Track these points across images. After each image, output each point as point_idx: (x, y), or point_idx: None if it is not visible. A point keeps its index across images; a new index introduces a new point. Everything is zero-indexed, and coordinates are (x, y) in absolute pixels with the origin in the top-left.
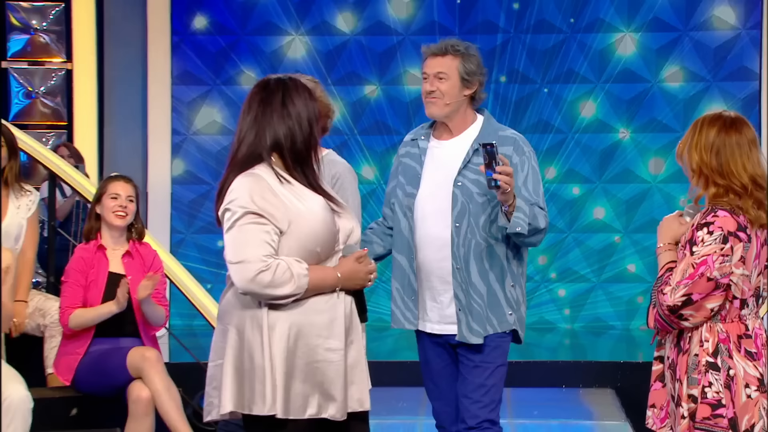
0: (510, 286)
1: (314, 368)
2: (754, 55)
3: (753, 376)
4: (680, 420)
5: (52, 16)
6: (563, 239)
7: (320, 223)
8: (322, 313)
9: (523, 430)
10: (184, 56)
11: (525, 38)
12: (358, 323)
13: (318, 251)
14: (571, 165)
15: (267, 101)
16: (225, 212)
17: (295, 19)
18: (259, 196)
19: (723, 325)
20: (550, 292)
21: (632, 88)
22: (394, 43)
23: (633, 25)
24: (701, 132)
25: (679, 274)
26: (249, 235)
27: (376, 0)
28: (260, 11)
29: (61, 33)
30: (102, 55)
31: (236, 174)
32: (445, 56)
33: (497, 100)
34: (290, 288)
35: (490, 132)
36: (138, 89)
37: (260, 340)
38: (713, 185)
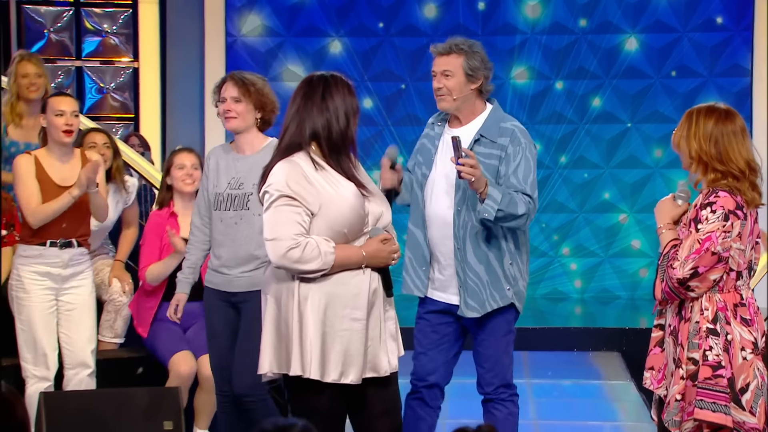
0: (508, 264)
1: (340, 336)
2: (746, 53)
3: (748, 340)
4: (678, 380)
5: (121, 21)
6: (575, 219)
7: (348, 207)
8: (348, 286)
9: (538, 389)
10: (236, 55)
11: (541, 39)
12: (383, 297)
13: (345, 232)
14: (581, 152)
15: (309, 96)
16: (264, 194)
17: (335, 22)
18: (294, 182)
19: (721, 295)
20: (562, 266)
21: (637, 83)
22: (423, 43)
23: (638, 26)
24: (698, 122)
25: (686, 250)
26: (282, 215)
27: (409, 5)
28: (304, 15)
29: (129, 35)
30: (164, 54)
31: (278, 160)
32: (450, 55)
33: (516, 94)
34: (317, 264)
35: (493, 122)
36: (196, 85)
37: (294, 309)
38: (712, 171)
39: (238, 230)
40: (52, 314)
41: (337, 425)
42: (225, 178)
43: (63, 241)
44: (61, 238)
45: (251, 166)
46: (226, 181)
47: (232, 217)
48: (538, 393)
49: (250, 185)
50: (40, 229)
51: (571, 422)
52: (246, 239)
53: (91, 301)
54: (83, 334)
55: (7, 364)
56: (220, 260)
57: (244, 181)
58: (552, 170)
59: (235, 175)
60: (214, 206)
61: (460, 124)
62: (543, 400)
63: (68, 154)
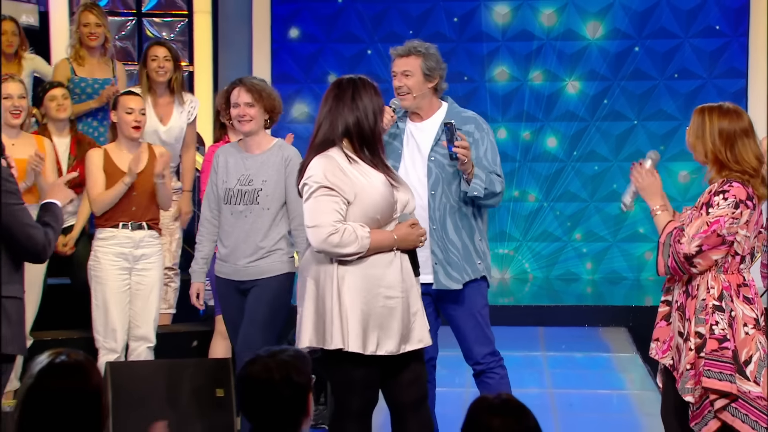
0: (478, 240)
1: (375, 312)
2: (742, 57)
3: (750, 317)
4: (687, 352)
5: (178, 29)
6: (586, 207)
7: (380, 195)
8: (381, 267)
9: (553, 361)
10: (281, 60)
11: (555, 44)
12: (413, 276)
13: (378, 218)
14: (592, 147)
15: (340, 97)
16: (304, 186)
17: (369, 29)
18: (331, 174)
19: (725, 276)
20: (575, 249)
21: (642, 85)
22: (448, 48)
23: (643, 33)
24: (712, 122)
25: (694, 229)
26: (322, 204)
27: (436, 14)
28: (342, 23)
29: (185, 42)
30: (217, 59)
31: (314, 155)
32: (409, 56)
33: (533, 94)
34: (355, 247)
35: (454, 114)
36: None
37: (333, 289)
38: (728, 170)
39: (247, 222)
40: (124, 293)
41: (372, 392)
42: (235, 175)
43: (134, 224)
44: (132, 221)
45: (260, 164)
46: (236, 178)
47: (242, 210)
48: (553, 365)
49: (260, 182)
50: (113, 213)
51: (582, 391)
52: (254, 231)
53: (159, 281)
54: (150, 313)
55: (81, 337)
56: (227, 249)
57: (253, 177)
58: (565, 163)
59: (245, 172)
60: (225, 200)
61: (420, 119)
62: (557, 371)
63: (136, 146)
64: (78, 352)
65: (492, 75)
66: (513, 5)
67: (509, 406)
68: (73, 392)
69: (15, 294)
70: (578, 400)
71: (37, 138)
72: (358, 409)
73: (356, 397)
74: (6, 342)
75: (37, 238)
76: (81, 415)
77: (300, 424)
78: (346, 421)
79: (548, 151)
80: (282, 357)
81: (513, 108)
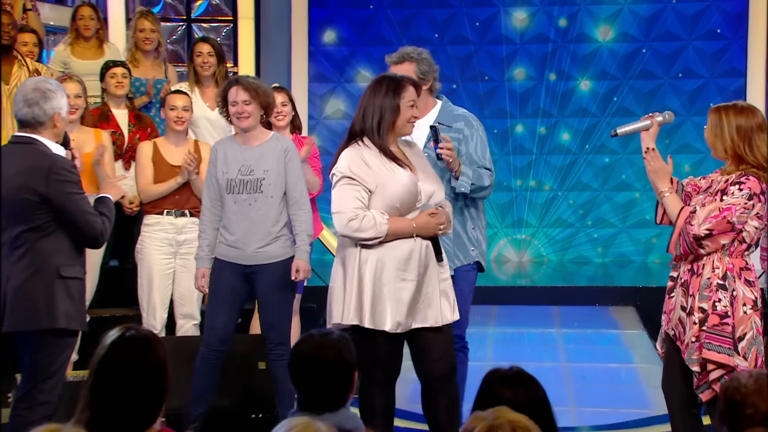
0: (471, 228)
1: (390, 292)
2: (741, 58)
3: (749, 298)
4: (692, 325)
5: (224, 33)
6: (597, 196)
7: (402, 186)
8: (401, 252)
9: (566, 336)
10: (317, 61)
11: (569, 47)
12: (435, 261)
13: (398, 207)
14: (603, 141)
15: (376, 92)
16: (332, 175)
17: (398, 33)
18: (355, 165)
19: (730, 259)
20: (587, 235)
21: (649, 83)
22: (471, 50)
23: (650, 36)
24: (728, 120)
25: (705, 213)
26: (344, 193)
27: (459, 19)
28: (373, 27)
29: (230, 45)
30: (259, 60)
31: (346, 145)
32: (402, 63)
33: (548, 92)
34: (372, 232)
35: (446, 112)
36: (284, 86)
37: (355, 270)
38: (745, 164)
39: (253, 210)
40: (167, 275)
41: (393, 366)
42: (235, 166)
43: (177, 212)
44: (176, 209)
45: (259, 155)
46: (236, 169)
47: (245, 199)
48: (567, 340)
49: (262, 171)
50: (159, 201)
51: (593, 364)
52: (262, 218)
53: None
54: (193, 293)
55: (136, 314)
56: (235, 236)
57: (254, 168)
58: (578, 155)
59: (245, 163)
60: (227, 190)
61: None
62: (571, 347)
63: (183, 140)
64: (145, 328)
65: (511, 75)
66: (530, 11)
67: (520, 377)
68: (141, 363)
69: (77, 275)
70: (590, 373)
71: (95, 131)
72: (381, 380)
73: (379, 369)
74: (70, 318)
75: (95, 225)
76: (147, 383)
77: (347, 398)
78: (371, 390)
79: (562, 145)
80: (333, 337)
81: (530, 105)
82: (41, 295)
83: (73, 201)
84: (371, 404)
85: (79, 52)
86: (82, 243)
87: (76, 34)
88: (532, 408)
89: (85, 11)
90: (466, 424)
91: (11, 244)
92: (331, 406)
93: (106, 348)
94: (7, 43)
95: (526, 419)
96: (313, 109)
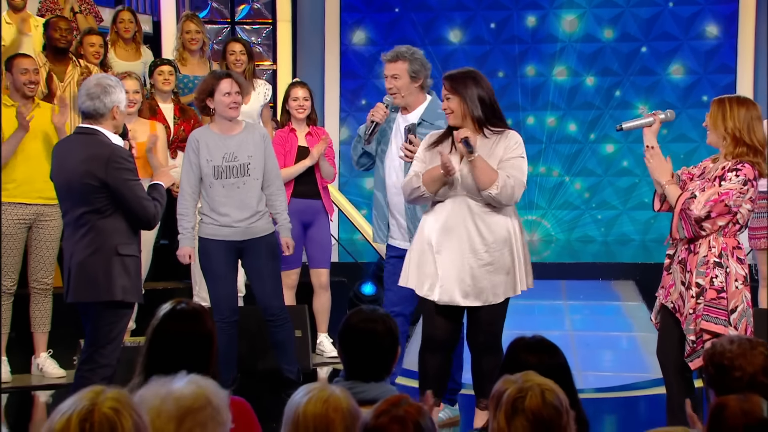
0: None
1: (418, 258)
2: (732, 56)
3: (741, 274)
4: (689, 299)
5: (264, 35)
6: (600, 181)
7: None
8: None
9: (572, 308)
10: (348, 60)
11: (576, 46)
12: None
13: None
14: (606, 131)
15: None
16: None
17: (421, 34)
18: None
19: (724, 239)
20: (591, 216)
21: (648, 79)
22: (486, 50)
23: (650, 36)
24: (732, 108)
25: (706, 196)
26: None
27: (477, 22)
28: (398, 29)
29: (270, 45)
30: (295, 59)
31: None
32: (396, 62)
33: (557, 87)
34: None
35: (432, 110)
36: (318, 81)
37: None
38: (742, 145)
39: (242, 192)
40: None
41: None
42: (218, 153)
43: None
44: None
45: (240, 143)
46: (220, 156)
47: (234, 182)
48: (573, 311)
49: (246, 156)
50: None
51: (597, 333)
52: (249, 198)
53: None
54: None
55: (187, 287)
56: (228, 216)
57: (237, 154)
58: (584, 144)
59: (227, 150)
60: (215, 176)
61: (407, 112)
62: (576, 317)
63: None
64: (195, 302)
65: (523, 71)
66: (540, 14)
67: (543, 345)
68: (190, 333)
69: (133, 253)
70: (593, 341)
71: (151, 123)
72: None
73: (427, 331)
74: (126, 291)
75: (148, 208)
76: (196, 352)
77: (392, 367)
78: (425, 352)
79: (569, 135)
80: (380, 313)
81: (540, 99)
82: (101, 270)
83: (129, 186)
84: (423, 367)
85: (120, 54)
86: (136, 224)
87: (117, 36)
88: (555, 373)
89: (125, 15)
90: (497, 386)
91: (75, 223)
92: (377, 376)
93: (159, 319)
94: (63, 47)
95: (551, 383)
96: (344, 103)
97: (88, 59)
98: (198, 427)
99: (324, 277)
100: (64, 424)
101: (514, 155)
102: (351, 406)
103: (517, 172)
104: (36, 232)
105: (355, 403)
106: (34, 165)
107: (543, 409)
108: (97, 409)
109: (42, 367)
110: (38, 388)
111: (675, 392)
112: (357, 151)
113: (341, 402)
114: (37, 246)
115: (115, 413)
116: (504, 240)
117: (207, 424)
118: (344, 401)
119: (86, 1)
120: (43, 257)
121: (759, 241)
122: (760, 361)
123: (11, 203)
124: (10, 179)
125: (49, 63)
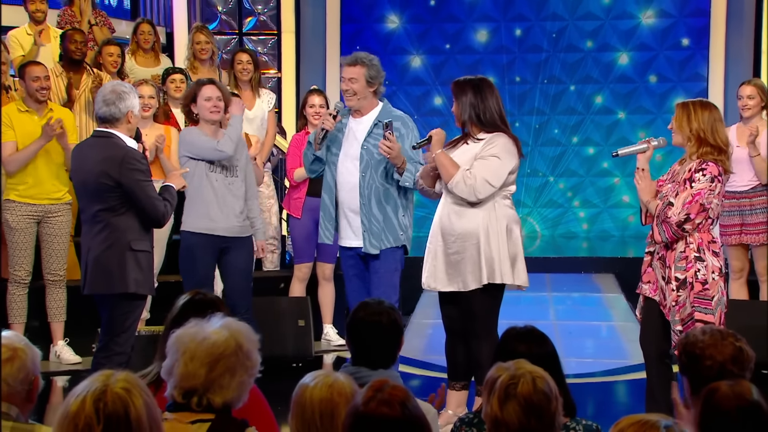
0: (401, 216)
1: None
2: (704, 65)
3: (716, 266)
4: (670, 292)
5: (270, 45)
6: (583, 181)
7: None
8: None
9: (556, 299)
10: None
11: (559, 55)
12: (454, 230)
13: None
14: (588, 134)
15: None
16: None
17: (416, 44)
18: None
19: (700, 234)
20: (574, 214)
21: (627, 86)
22: (477, 59)
23: (628, 46)
24: (696, 111)
25: (681, 201)
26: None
27: (467, 32)
28: (395, 39)
29: (275, 55)
30: (299, 67)
31: None
32: (355, 66)
33: (542, 95)
34: None
35: (386, 112)
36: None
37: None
38: (706, 145)
39: (230, 192)
40: None
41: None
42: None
43: None
44: None
45: None
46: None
47: (224, 181)
48: (556, 302)
49: (233, 158)
50: None
51: (579, 322)
52: (238, 197)
53: None
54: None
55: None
56: (221, 212)
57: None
58: (567, 147)
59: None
60: (210, 170)
61: (360, 115)
62: (560, 307)
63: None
64: (212, 294)
65: (511, 79)
66: (525, 26)
67: (533, 334)
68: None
69: (145, 248)
70: (576, 329)
71: (165, 128)
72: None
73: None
74: (138, 284)
75: (159, 208)
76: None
77: (396, 355)
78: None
79: (554, 138)
80: (386, 305)
81: (527, 104)
82: (115, 264)
83: (141, 186)
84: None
85: (141, 61)
86: (147, 222)
87: (137, 45)
88: (544, 360)
89: (145, 27)
90: (490, 373)
91: (91, 220)
92: (383, 364)
93: (179, 309)
94: (78, 59)
95: (542, 371)
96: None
97: (107, 68)
98: (228, 372)
99: (328, 270)
100: (79, 405)
101: (486, 154)
102: (354, 391)
103: (483, 169)
104: (45, 227)
105: (359, 388)
106: (43, 169)
107: (534, 395)
108: (110, 390)
109: (59, 354)
110: (56, 374)
111: (655, 378)
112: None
113: (345, 387)
114: (48, 240)
115: (126, 392)
116: (470, 233)
117: (236, 369)
118: (348, 386)
119: (100, 14)
120: (55, 250)
121: (729, 238)
122: (729, 351)
123: (21, 202)
124: (22, 181)
125: (65, 72)
